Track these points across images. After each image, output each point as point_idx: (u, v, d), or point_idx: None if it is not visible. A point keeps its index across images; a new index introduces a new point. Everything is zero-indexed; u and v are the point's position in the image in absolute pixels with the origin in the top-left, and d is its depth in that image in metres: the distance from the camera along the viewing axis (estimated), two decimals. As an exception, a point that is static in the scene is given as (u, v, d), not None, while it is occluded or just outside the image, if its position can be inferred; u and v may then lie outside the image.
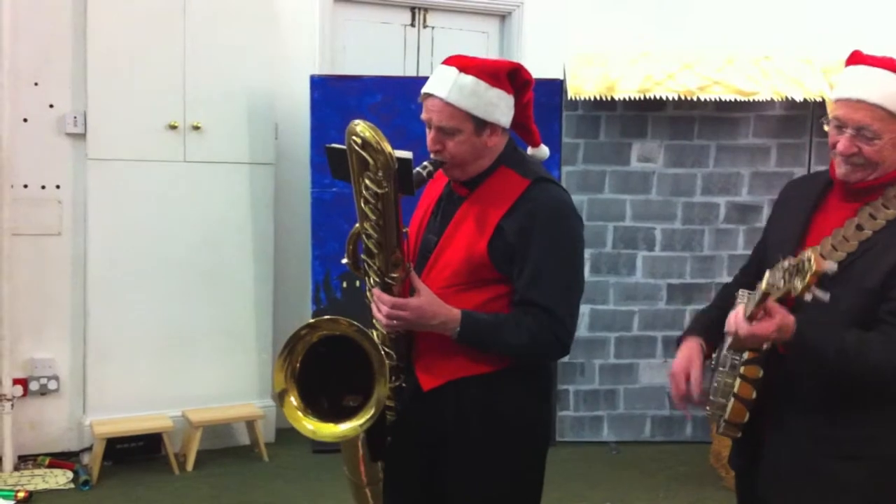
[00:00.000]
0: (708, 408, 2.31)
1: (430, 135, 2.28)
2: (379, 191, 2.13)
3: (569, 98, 5.06)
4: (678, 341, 2.45)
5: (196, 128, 4.87)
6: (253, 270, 5.13)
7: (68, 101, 4.72)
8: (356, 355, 2.18)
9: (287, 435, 5.13)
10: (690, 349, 2.36)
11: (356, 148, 2.12)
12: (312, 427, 2.21)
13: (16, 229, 4.64)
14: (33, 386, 4.73)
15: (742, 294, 2.28)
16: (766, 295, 1.98)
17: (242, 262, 5.10)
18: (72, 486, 4.46)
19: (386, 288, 2.23)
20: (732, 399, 2.22)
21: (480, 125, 2.25)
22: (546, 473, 2.43)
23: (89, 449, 4.71)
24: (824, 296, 1.88)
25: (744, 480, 2.41)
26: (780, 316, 2.01)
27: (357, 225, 2.23)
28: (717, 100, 5.00)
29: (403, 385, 2.38)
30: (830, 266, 1.92)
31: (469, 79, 2.22)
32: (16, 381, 4.66)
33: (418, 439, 2.38)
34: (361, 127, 2.11)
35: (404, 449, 2.41)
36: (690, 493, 4.67)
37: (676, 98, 5.00)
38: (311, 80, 4.99)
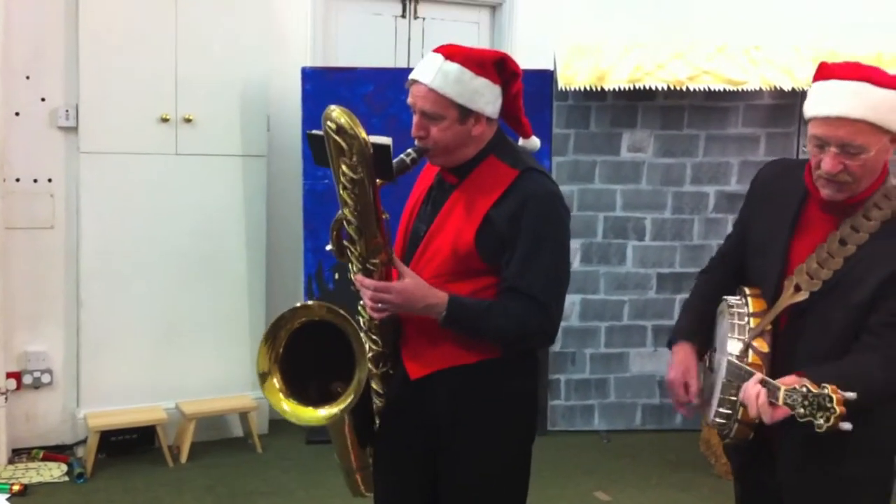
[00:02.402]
0: (714, 418, 2.28)
1: (414, 120, 2.28)
2: (355, 176, 2.14)
3: (560, 88, 5.09)
4: (669, 343, 2.45)
5: (188, 120, 4.88)
6: (246, 263, 5.14)
7: (60, 94, 4.73)
8: (344, 344, 2.20)
9: (280, 426, 5.15)
10: (685, 355, 2.38)
11: (331, 133, 2.13)
12: (290, 409, 2.26)
13: (9, 223, 4.65)
14: (27, 379, 4.75)
15: (731, 314, 2.24)
16: (790, 408, 1.91)
17: (235, 254, 5.11)
18: (66, 479, 4.48)
19: (367, 274, 2.25)
20: (736, 424, 2.18)
21: (465, 113, 2.24)
22: (538, 462, 2.45)
23: (83, 442, 4.72)
24: (846, 426, 1.84)
25: (747, 473, 2.40)
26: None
27: (339, 212, 2.24)
28: (707, 89, 5.03)
29: (391, 372, 2.39)
30: (850, 396, 1.86)
31: (454, 66, 2.22)
32: (9, 375, 4.68)
33: (408, 426, 2.39)
34: (337, 112, 2.13)
35: (394, 435, 2.43)
36: (681, 479, 4.71)
37: (666, 88, 5.02)
38: (302, 71, 4.99)
